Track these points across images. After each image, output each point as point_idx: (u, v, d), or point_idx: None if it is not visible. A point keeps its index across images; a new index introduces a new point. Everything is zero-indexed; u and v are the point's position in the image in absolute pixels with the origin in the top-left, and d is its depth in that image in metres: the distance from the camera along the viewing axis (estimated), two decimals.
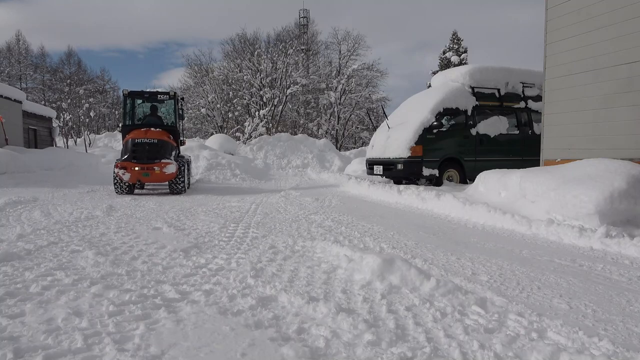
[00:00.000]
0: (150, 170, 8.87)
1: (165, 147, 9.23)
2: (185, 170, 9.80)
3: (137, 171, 8.90)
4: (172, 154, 9.29)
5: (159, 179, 9.25)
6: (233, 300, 2.60)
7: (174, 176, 9.14)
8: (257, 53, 29.36)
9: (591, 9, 6.71)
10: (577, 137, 7.01)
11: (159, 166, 8.86)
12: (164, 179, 9.19)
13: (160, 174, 8.94)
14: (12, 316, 2.32)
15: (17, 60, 45.33)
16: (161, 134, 9.43)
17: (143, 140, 9.14)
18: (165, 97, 10.13)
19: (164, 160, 8.94)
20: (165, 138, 9.40)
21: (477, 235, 4.77)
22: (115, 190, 9.33)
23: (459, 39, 32.38)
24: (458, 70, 11.27)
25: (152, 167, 8.85)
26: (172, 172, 8.98)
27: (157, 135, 9.32)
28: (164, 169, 8.87)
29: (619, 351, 1.98)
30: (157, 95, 10.19)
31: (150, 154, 8.99)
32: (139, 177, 9.06)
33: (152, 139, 9.18)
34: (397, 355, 1.92)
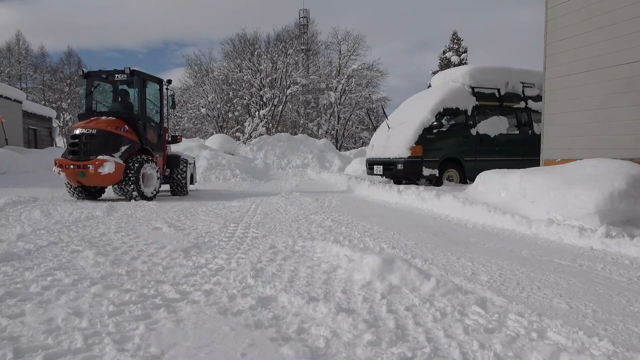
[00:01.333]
0: (84, 168, 7.23)
1: (107, 140, 7.40)
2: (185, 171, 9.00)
3: (72, 170, 7.34)
4: (119, 150, 7.49)
5: (98, 181, 7.47)
6: (233, 300, 2.60)
7: (117, 178, 7.44)
8: (257, 53, 29.37)
9: (591, 9, 6.71)
10: (577, 137, 7.01)
11: (94, 164, 7.17)
12: (104, 181, 7.46)
13: (95, 174, 7.20)
14: (12, 316, 2.32)
15: (17, 60, 45.34)
16: (107, 124, 7.59)
17: (79, 132, 7.45)
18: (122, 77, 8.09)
19: (100, 157, 7.17)
20: (110, 128, 7.53)
21: (477, 235, 4.77)
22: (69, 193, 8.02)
23: (459, 39, 32.41)
24: (458, 70, 11.28)
25: (87, 165, 7.21)
26: (110, 173, 7.23)
27: (100, 124, 7.53)
28: (100, 169, 7.17)
29: (619, 351, 1.98)
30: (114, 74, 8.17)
31: (87, 148, 7.33)
32: (76, 177, 7.44)
33: (91, 129, 7.42)
34: (397, 355, 1.92)
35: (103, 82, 8.54)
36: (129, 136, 7.78)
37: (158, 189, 8.23)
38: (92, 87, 8.39)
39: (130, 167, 7.57)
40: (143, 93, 8.27)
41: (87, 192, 8.04)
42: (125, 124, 7.84)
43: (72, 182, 7.70)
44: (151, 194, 7.98)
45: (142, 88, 8.27)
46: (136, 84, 8.20)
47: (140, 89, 8.24)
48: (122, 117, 7.92)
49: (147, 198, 7.85)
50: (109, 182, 7.60)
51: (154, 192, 8.06)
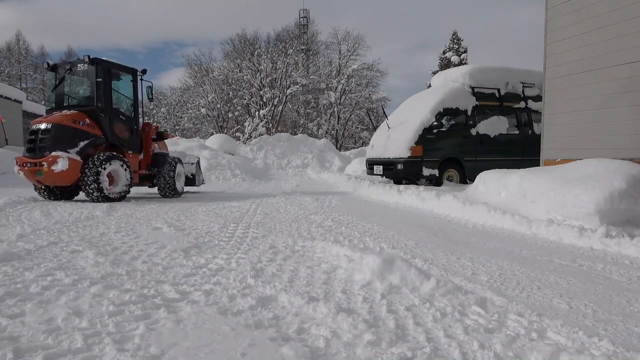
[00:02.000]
0: (41, 167, 6.74)
1: (62, 135, 6.83)
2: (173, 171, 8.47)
3: (29, 169, 6.87)
4: (76, 145, 6.92)
5: (55, 180, 6.88)
6: (233, 300, 2.60)
7: (70, 177, 6.86)
8: (257, 53, 29.39)
9: (591, 9, 6.71)
10: (577, 137, 7.01)
11: (47, 161, 6.67)
12: (59, 179, 6.84)
13: (48, 172, 6.67)
14: (12, 316, 2.32)
15: (17, 60, 45.34)
16: (64, 117, 6.98)
17: (37, 127, 6.93)
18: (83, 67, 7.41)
19: (54, 154, 6.65)
20: (67, 122, 6.92)
21: (477, 235, 4.77)
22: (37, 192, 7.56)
23: (459, 39, 32.41)
24: (458, 70, 11.28)
25: (42, 163, 6.72)
26: (62, 171, 6.69)
27: (56, 118, 6.96)
28: (53, 166, 6.64)
29: (619, 351, 1.98)
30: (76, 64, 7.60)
31: (42, 144, 6.81)
32: (34, 176, 6.93)
33: (47, 123, 6.88)
34: (397, 355, 1.92)
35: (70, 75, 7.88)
36: (90, 130, 7.12)
37: (126, 189, 7.57)
38: (57, 80, 7.82)
39: (90, 165, 6.93)
40: (107, 83, 7.55)
41: (58, 192, 7.54)
42: (87, 117, 7.19)
43: (31, 182, 7.24)
44: (116, 194, 7.34)
45: (106, 78, 7.52)
46: (98, 73, 7.44)
47: (105, 79, 7.50)
48: (84, 110, 7.31)
49: (111, 199, 7.22)
50: (65, 180, 6.96)
51: (121, 193, 7.44)
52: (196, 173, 9.76)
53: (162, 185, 8.43)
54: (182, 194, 8.96)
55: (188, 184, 9.68)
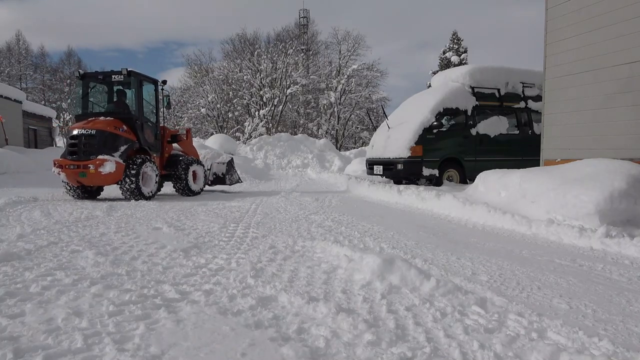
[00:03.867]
0: (85, 169, 7.29)
1: (106, 140, 7.48)
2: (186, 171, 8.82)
3: (72, 170, 7.39)
4: (118, 149, 7.59)
5: (99, 181, 7.53)
6: (233, 300, 2.60)
7: (116, 178, 7.51)
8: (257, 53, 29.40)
9: (591, 9, 6.71)
10: (577, 137, 7.01)
11: (95, 164, 7.23)
12: (104, 180, 7.50)
13: (96, 174, 7.25)
14: (12, 316, 2.32)
15: (17, 60, 45.36)
16: (106, 124, 7.62)
17: (78, 132, 7.47)
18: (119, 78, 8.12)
19: (100, 157, 7.26)
20: (109, 128, 7.58)
21: (477, 235, 4.77)
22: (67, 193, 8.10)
23: (459, 39, 32.42)
24: (458, 70, 11.27)
25: (87, 165, 7.27)
26: (111, 172, 7.32)
27: (99, 125, 7.56)
28: (100, 168, 7.24)
29: (619, 351, 1.98)
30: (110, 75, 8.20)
31: (87, 149, 7.40)
32: (76, 177, 7.49)
33: (90, 129, 7.44)
34: (397, 355, 1.92)
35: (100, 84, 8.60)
36: (128, 136, 7.84)
37: (156, 189, 8.29)
38: (88, 89, 8.44)
39: (130, 167, 7.63)
40: (140, 93, 8.31)
41: (86, 192, 8.10)
42: (124, 124, 7.90)
43: (71, 182, 7.74)
44: (149, 193, 8.02)
45: (138, 88, 8.33)
46: (133, 84, 8.27)
47: (137, 90, 8.30)
48: (120, 118, 7.96)
49: (145, 197, 7.89)
50: (110, 181, 7.63)
51: (152, 192, 8.13)
52: (227, 172, 10.12)
53: (177, 184, 8.89)
54: (199, 193, 9.24)
55: (218, 183, 10.19)
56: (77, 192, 8.02)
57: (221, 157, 10.57)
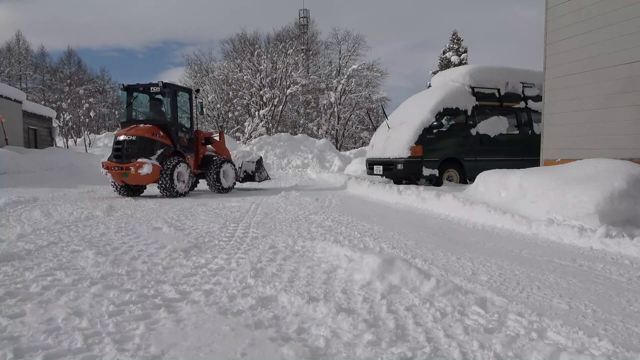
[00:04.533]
0: (127, 170, 8.29)
1: (144, 146, 8.45)
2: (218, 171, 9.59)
3: (117, 171, 8.41)
4: (156, 153, 8.51)
5: (139, 180, 8.48)
6: (233, 300, 2.60)
7: (154, 178, 8.42)
8: (257, 53, 29.38)
9: (591, 9, 6.71)
10: (577, 137, 7.01)
11: (135, 166, 8.23)
12: (143, 180, 8.44)
13: (136, 174, 8.24)
14: (12, 316, 2.32)
15: (17, 60, 45.34)
16: (144, 131, 8.59)
17: (122, 138, 8.52)
18: (156, 89, 9.23)
19: (139, 160, 8.24)
20: (148, 135, 8.55)
21: (477, 235, 4.77)
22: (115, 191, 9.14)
23: (459, 39, 32.38)
24: (458, 70, 11.27)
25: (129, 167, 8.27)
26: (148, 173, 8.23)
27: (139, 131, 8.55)
28: (139, 170, 8.21)
29: (619, 351, 1.98)
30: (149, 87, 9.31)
31: (128, 153, 8.41)
32: (120, 177, 8.48)
33: (131, 136, 8.46)
34: (397, 355, 1.92)
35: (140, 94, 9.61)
36: (164, 141, 8.77)
37: (189, 186, 9.22)
38: (131, 98, 9.40)
39: (166, 168, 8.53)
40: (174, 102, 9.20)
41: (130, 190, 9.03)
42: (160, 130, 8.82)
43: (117, 181, 8.76)
44: (183, 190, 8.92)
45: (173, 98, 9.21)
46: (168, 94, 9.22)
47: (172, 99, 9.20)
48: (157, 124, 8.92)
49: (180, 194, 8.79)
50: (148, 181, 8.56)
51: (186, 189, 9.04)
52: (256, 170, 11.03)
53: (209, 181, 9.73)
54: (230, 189, 10.06)
55: (248, 180, 11.09)
56: (122, 190, 8.99)
57: (251, 156, 11.44)
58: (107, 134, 28.90)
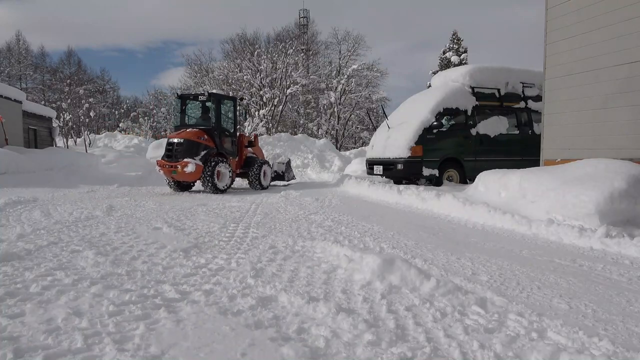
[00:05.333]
0: (175, 168, 9.43)
1: (190, 147, 9.54)
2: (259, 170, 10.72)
3: (167, 169, 9.58)
4: (199, 154, 9.55)
5: (184, 177, 9.69)
6: (233, 300, 2.60)
7: (196, 176, 9.51)
8: (257, 53, 29.37)
9: (591, 9, 6.71)
10: (577, 137, 7.01)
11: (181, 165, 9.35)
12: (187, 177, 9.62)
13: (182, 172, 9.41)
14: (12, 316, 2.32)
15: (17, 60, 45.33)
16: (191, 134, 9.72)
17: (172, 140, 9.77)
18: (203, 98, 10.46)
19: (185, 160, 9.38)
20: (193, 138, 9.66)
21: (477, 235, 4.77)
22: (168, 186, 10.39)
23: (459, 39, 32.37)
24: (458, 70, 11.27)
25: (176, 166, 9.40)
26: (192, 172, 9.31)
27: (186, 135, 9.69)
28: (184, 168, 9.32)
29: (619, 351, 1.98)
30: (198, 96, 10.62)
31: (177, 153, 9.53)
32: (170, 174, 9.68)
33: (179, 138, 9.63)
34: (397, 355, 1.92)
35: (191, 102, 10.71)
36: (207, 143, 9.80)
37: (230, 184, 10.16)
38: (183, 106, 10.54)
39: (208, 167, 9.53)
40: (218, 109, 10.29)
41: (181, 186, 10.25)
42: (205, 134, 9.87)
43: (168, 178, 10.01)
44: (223, 187, 9.84)
45: (217, 105, 10.30)
46: (213, 102, 10.32)
47: (216, 106, 10.28)
48: (202, 129, 9.97)
49: (220, 191, 9.76)
50: (192, 178, 9.65)
51: (225, 186, 9.94)
52: (286, 171, 12.21)
53: (251, 180, 10.84)
54: (267, 187, 11.13)
55: (278, 179, 12.19)
56: (174, 186, 10.22)
57: (280, 158, 12.62)
58: (108, 134, 28.90)
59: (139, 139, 27.64)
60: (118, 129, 37.69)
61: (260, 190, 10.71)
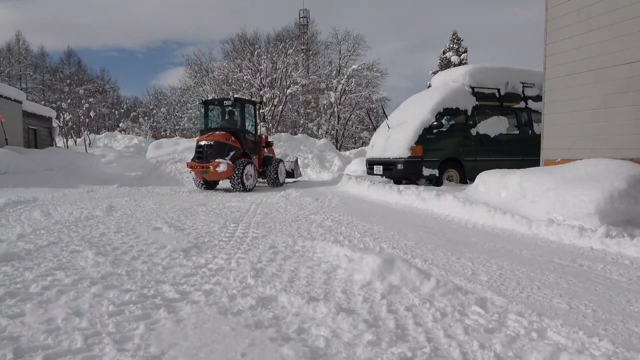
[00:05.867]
0: (207, 168, 10.05)
1: (221, 149, 10.18)
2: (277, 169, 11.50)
3: (198, 169, 10.19)
4: (229, 155, 10.17)
5: (216, 177, 10.30)
6: (233, 300, 2.60)
7: (228, 175, 10.12)
8: (257, 53, 29.37)
9: (591, 9, 6.71)
10: (577, 137, 7.01)
11: (213, 165, 9.98)
12: (219, 176, 10.24)
13: (214, 172, 10.02)
14: (12, 316, 2.32)
15: (17, 60, 45.33)
16: (220, 136, 10.36)
17: (203, 143, 10.37)
18: (228, 103, 11.17)
19: (216, 160, 10.03)
20: (223, 140, 10.31)
21: (477, 235, 4.77)
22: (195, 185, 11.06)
23: (459, 39, 32.36)
24: (458, 70, 11.26)
25: (208, 166, 10.01)
26: (223, 171, 9.94)
27: (215, 137, 10.34)
28: (216, 168, 9.95)
29: (619, 351, 1.98)
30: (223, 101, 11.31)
31: (208, 155, 10.15)
32: (202, 175, 10.25)
33: (210, 141, 10.28)
34: (397, 355, 1.92)
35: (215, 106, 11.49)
36: (235, 145, 10.48)
37: (255, 183, 10.79)
38: (208, 111, 11.30)
39: (237, 167, 10.18)
40: (243, 113, 10.99)
41: (207, 185, 10.87)
42: (232, 136, 10.53)
43: (198, 178, 10.63)
44: (250, 186, 10.46)
45: (242, 109, 10.99)
46: (238, 106, 11.02)
47: (241, 110, 10.98)
48: (229, 131, 10.65)
49: (247, 189, 10.35)
50: (223, 177, 10.26)
51: (251, 185, 10.57)
52: (295, 169, 13.11)
53: (269, 178, 11.58)
54: (283, 184, 11.93)
55: (288, 177, 12.97)
56: (202, 185, 10.81)
57: (288, 157, 13.93)
58: (107, 134, 28.90)
59: (138, 139, 27.64)
60: (118, 129, 37.69)
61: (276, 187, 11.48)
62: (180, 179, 12.75)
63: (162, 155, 14.86)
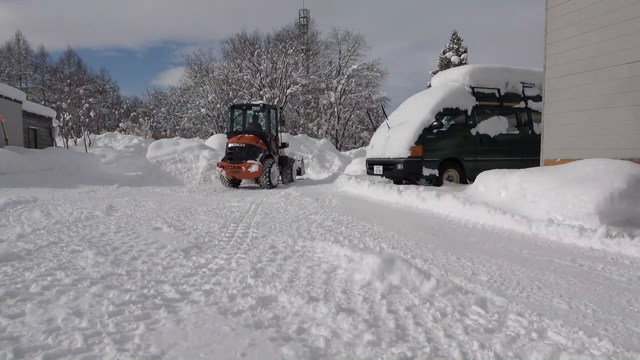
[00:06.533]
0: (238, 168, 10.93)
1: (251, 150, 11.07)
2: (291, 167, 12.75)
3: (230, 169, 11.08)
4: (258, 156, 11.06)
5: (247, 176, 11.15)
6: (233, 300, 2.60)
7: (258, 174, 11.01)
8: (257, 53, 29.38)
9: (591, 9, 6.71)
10: (577, 137, 7.01)
11: (245, 166, 10.84)
12: (250, 176, 11.09)
13: (246, 172, 10.89)
14: (12, 316, 2.32)
15: (17, 60, 45.34)
16: (250, 139, 11.28)
17: (235, 145, 11.23)
18: (256, 108, 12.23)
19: (248, 161, 10.91)
20: (253, 142, 11.22)
21: (477, 235, 4.77)
22: (222, 183, 11.69)
23: (459, 39, 32.35)
24: (458, 70, 11.26)
25: (240, 167, 10.88)
26: (255, 171, 10.84)
27: (246, 140, 11.25)
28: (248, 168, 10.82)
29: (619, 351, 1.98)
30: (251, 106, 12.45)
31: (239, 156, 11.01)
32: (232, 174, 11.10)
33: (241, 143, 11.17)
34: (397, 355, 1.92)
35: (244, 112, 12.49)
36: (263, 147, 11.45)
37: (278, 181, 11.89)
38: (234, 115, 12.23)
39: (266, 167, 11.14)
40: (268, 117, 12.07)
41: (233, 184, 11.66)
42: (260, 138, 11.54)
43: (228, 176, 11.35)
44: (275, 184, 11.49)
45: (267, 114, 12.09)
46: (265, 111, 12.12)
47: (267, 115, 12.09)
48: (257, 134, 11.63)
49: (273, 186, 11.32)
50: (253, 176, 11.14)
51: (276, 183, 11.61)
52: (302, 167, 14.38)
53: (286, 175, 12.61)
54: (294, 181, 13.12)
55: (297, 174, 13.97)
56: (229, 183, 11.56)
57: (295, 156, 15.03)
58: (107, 134, 28.90)
59: (138, 139, 27.65)
60: (118, 129, 37.69)
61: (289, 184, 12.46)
62: (180, 179, 12.76)
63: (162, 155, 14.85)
